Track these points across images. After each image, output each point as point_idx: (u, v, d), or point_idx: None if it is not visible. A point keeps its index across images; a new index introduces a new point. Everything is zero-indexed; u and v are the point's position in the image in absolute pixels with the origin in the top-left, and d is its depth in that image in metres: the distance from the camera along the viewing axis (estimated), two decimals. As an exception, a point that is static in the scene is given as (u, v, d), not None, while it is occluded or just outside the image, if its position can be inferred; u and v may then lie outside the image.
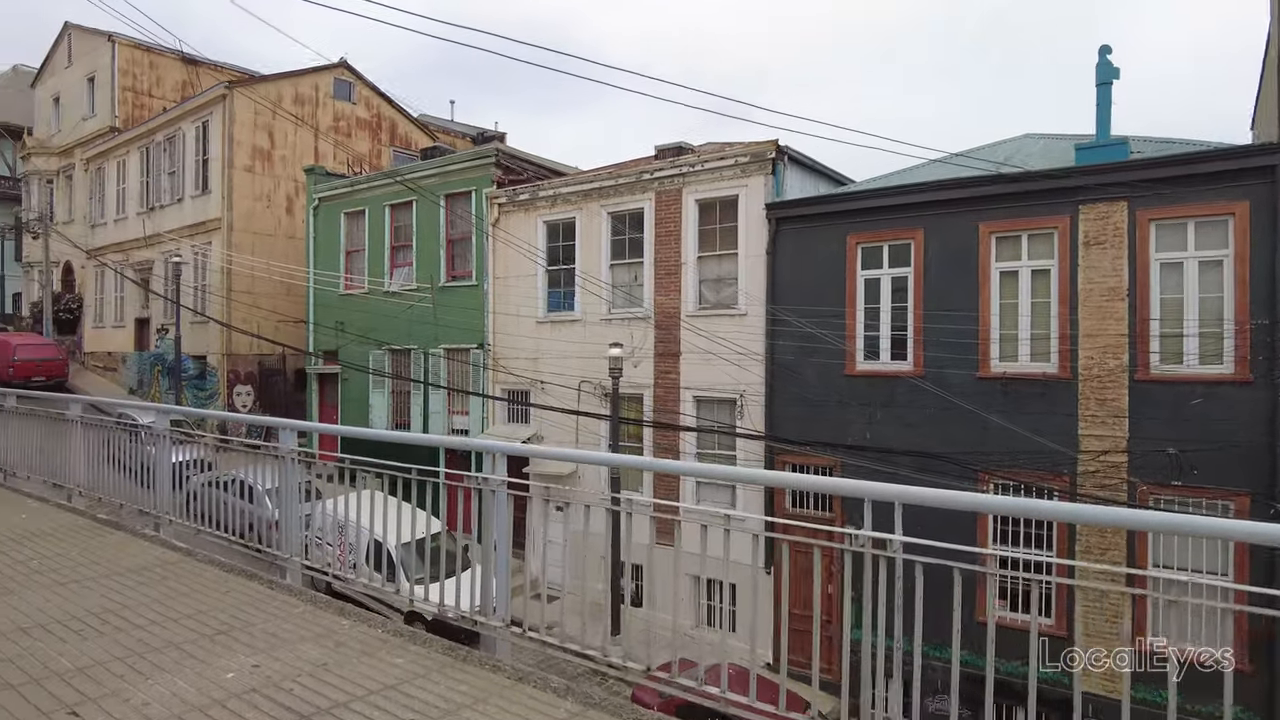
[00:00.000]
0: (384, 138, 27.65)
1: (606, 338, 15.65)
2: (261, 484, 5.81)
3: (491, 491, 4.14)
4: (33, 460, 8.50)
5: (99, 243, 29.70)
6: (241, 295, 23.42)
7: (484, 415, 18.23)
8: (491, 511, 4.13)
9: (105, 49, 31.07)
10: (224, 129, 23.44)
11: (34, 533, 6.47)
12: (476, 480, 4.27)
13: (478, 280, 18.32)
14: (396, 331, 19.63)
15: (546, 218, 17.20)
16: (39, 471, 8.37)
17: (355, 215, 21.04)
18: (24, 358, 25.36)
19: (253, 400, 23.75)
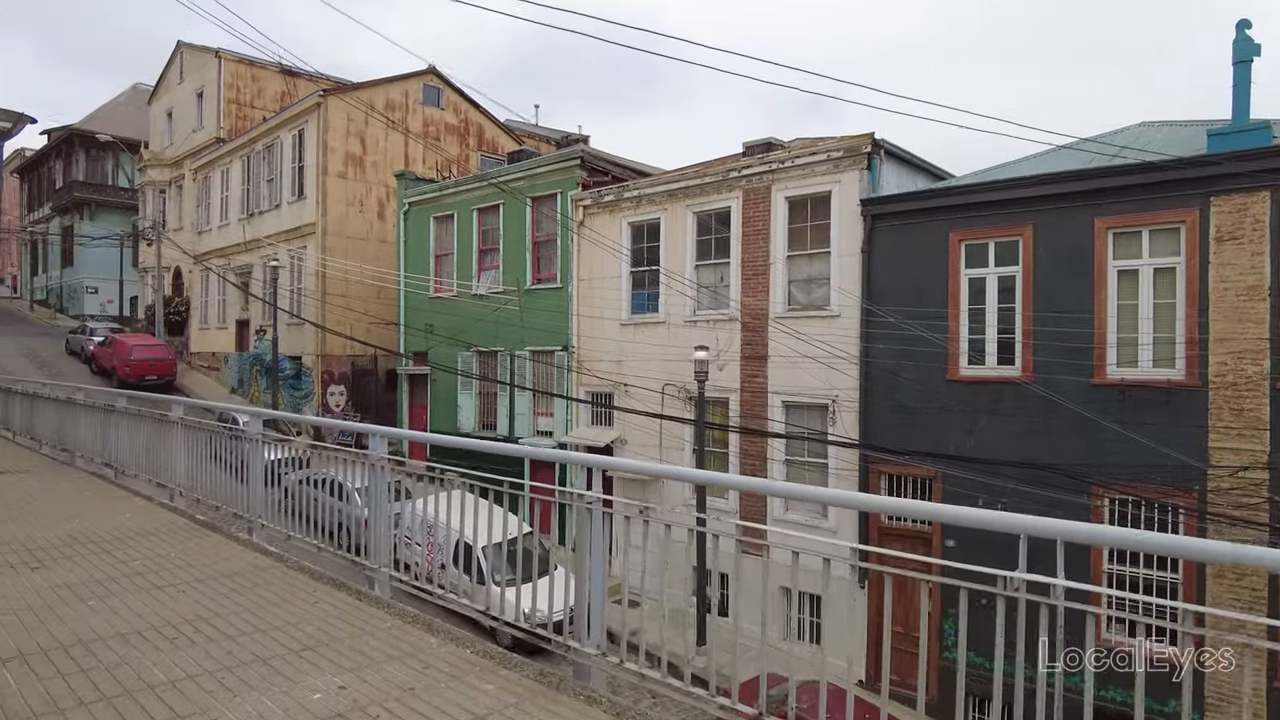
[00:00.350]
0: (471, 142, 28.06)
1: (691, 340, 15.35)
2: (353, 482, 5.79)
3: (587, 509, 3.87)
4: (140, 459, 8.76)
5: (204, 248, 31.17)
6: (335, 298, 24.10)
7: (568, 417, 18.17)
8: (587, 530, 3.87)
9: (212, 64, 32.61)
10: (318, 136, 24.19)
11: (137, 532, 6.60)
12: (570, 496, 4.01)
13: (562, 282, 18.28)
14: (484, 333, 19.80)
15: (631, 219, 17.00)
16: (146, 471, 8.62)
17: (444, 219, 21.34)
18: (138, 357, 26.76)
19: (345, 400, 24.42)
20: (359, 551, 5.44)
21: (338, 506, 5.84)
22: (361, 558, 5.29)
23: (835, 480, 13.90)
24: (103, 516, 7.22)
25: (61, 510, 7.54)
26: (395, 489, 5.38)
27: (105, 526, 6.78)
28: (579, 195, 17.80)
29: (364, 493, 5.50)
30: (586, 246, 17.85)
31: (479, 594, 5.59)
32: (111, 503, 7.96)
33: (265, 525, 6.35)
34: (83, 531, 6.55)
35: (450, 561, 5.27)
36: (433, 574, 5.08)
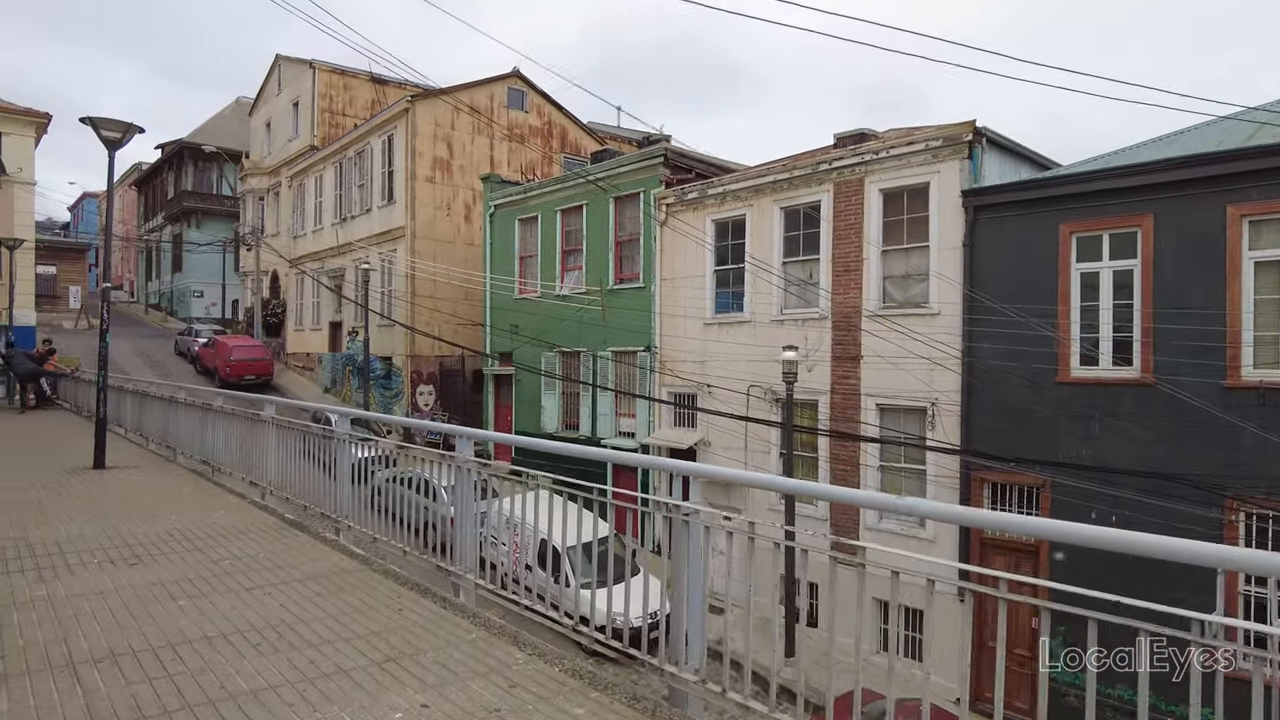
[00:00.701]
0: (554, 144, 28.19)
1: (778, 340, 14.88)
2: (440, 480, 5.63)
3: (684, 520, 3.56)
4: (234, 457, 8.93)
5: (299, 252, 32.31)
6: (423, 299, 24.55)
7: (650, 418, 17.92)
8: (684, 544, 3.55)
9: (307, 75, 33.83)
10: (406, 141, 24.69)
11: (229, 531, 6.64)
12: (663, 506, 3.71)
13: (645, 282, 18.05)
14: (567, 334, 19.76)
15: (715, 216, 16.62)
16: (239, 468, 8.77)
17: (529, 221, 21.43)
18: (238, 358, 27.93)
19: (434, 399, 24.84)
20: (444, 552, 5.28)
21: (425, 504, 5.77)
22: (447, 563, 5.11)
23: (934, 488, 13.20)
24: (198, 514, 7.33)
25: (162, 506, 7.71)
26: (482, 488, 5.22)
27: (200, 524, 6.86)
28: (662, 193, 17.54)
29: (451, 490, 5.38)
30: (669, 245, 17.56)
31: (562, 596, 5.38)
32: (207, 500, 8.11)
33: (352, 526, 6.28)
34: (179, 529, 6.63)
35: (534, 562, 5.10)
36: (519, 575, 4.88)
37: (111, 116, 9.82)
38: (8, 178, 23.62)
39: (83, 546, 5.98)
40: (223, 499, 8.15)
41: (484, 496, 5.24)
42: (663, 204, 17.56)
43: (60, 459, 10.89)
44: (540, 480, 4.71)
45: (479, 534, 5.17)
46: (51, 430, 15.18)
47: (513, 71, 26.88)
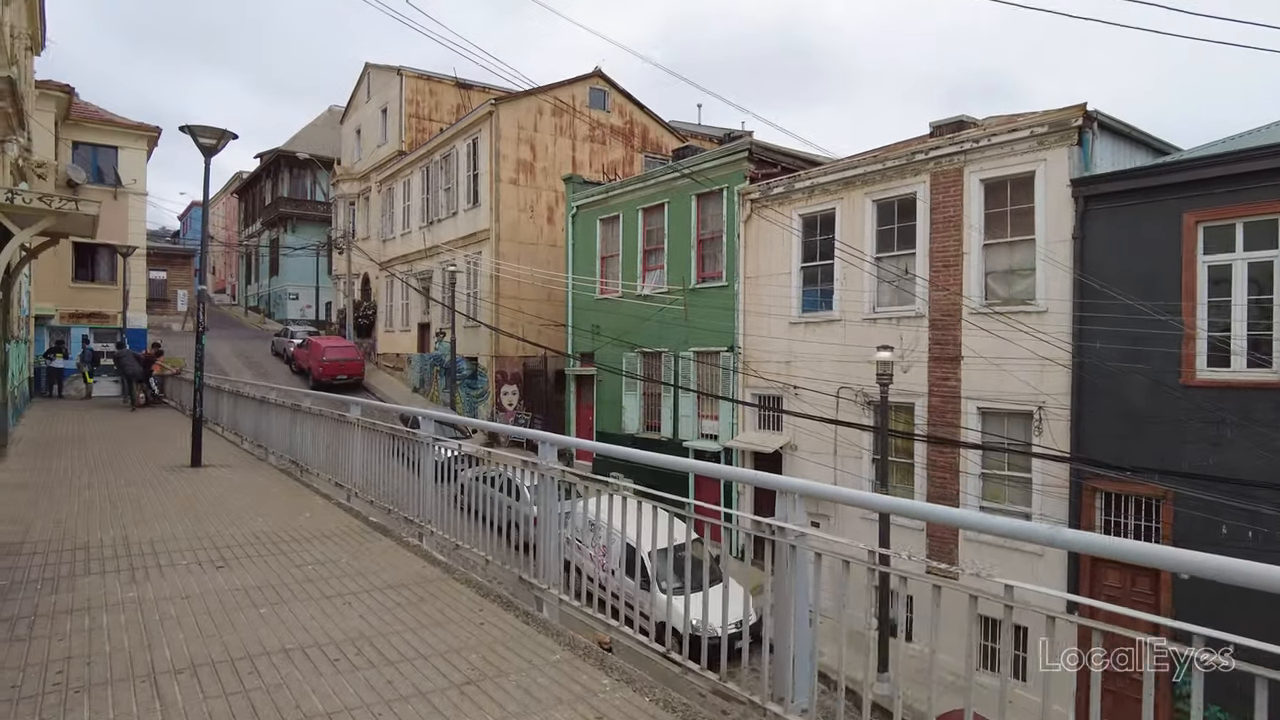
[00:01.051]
0: (636, 143, 28.01)
1: (870, 339, 14.23)
2: (523, 480, 5.47)
3: (791, 546, 3.18)
4: (321, 458, 8.97)
5: (388, 255, 33.11)
6: (507, 300, 24.73)
7: (733, 420, 17.47)
8: (790, 573, 3.17)
9: (395, 82, 34.67)
10: (490, 144, 24.92)
11: (314, 534, 6.59)
12: (768, 529, 3.33)
13: (728, 280, 17.61)
14: (648, 334, 19.51)
15: (803, 210, 16.06)
16: (326, 469, 8.80)
17: (610, 221, 21.28)
18: (330, 358, 28.77)
19: (518, 399, 24.99)
20: (527, 551, 5.02)
21: (508, 503, 5.61)
22: (530, 575, 4.86)
23: (1040, 497, 12.35)
24: (285, 515, 7.33)
25: (251, 507, 7.77)
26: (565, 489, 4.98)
27: (286, 526, 6.84)
28: (746, 188, 17.07)
29: (534, 490, 5.25)
30: (754, 242, 17.08)
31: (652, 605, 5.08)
32: (294, 501, 8.14)
33: (435, 532, 6.12)
34: (266, 531, 6.62)
35: (619, 566, 4.82)
36: (606, 581, 4.63)
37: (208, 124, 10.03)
38: (122, 189, 24.94)
39: (174, 547, 6.00)
40: (309, 500, 8.17)
41: (567, 497, 5.02)
42: (747, 199, 17.09)
43: (162, 456, 11.24)
44: (620, 488, 4.43)
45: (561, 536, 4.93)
46: (156, 428, 15.82)
47: (594, 71, 26.83)
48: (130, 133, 25.34)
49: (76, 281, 24.58)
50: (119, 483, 8.93)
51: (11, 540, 6.10)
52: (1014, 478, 12.78)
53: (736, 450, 17.03)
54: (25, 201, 9.58)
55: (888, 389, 12.57)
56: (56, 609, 4.52)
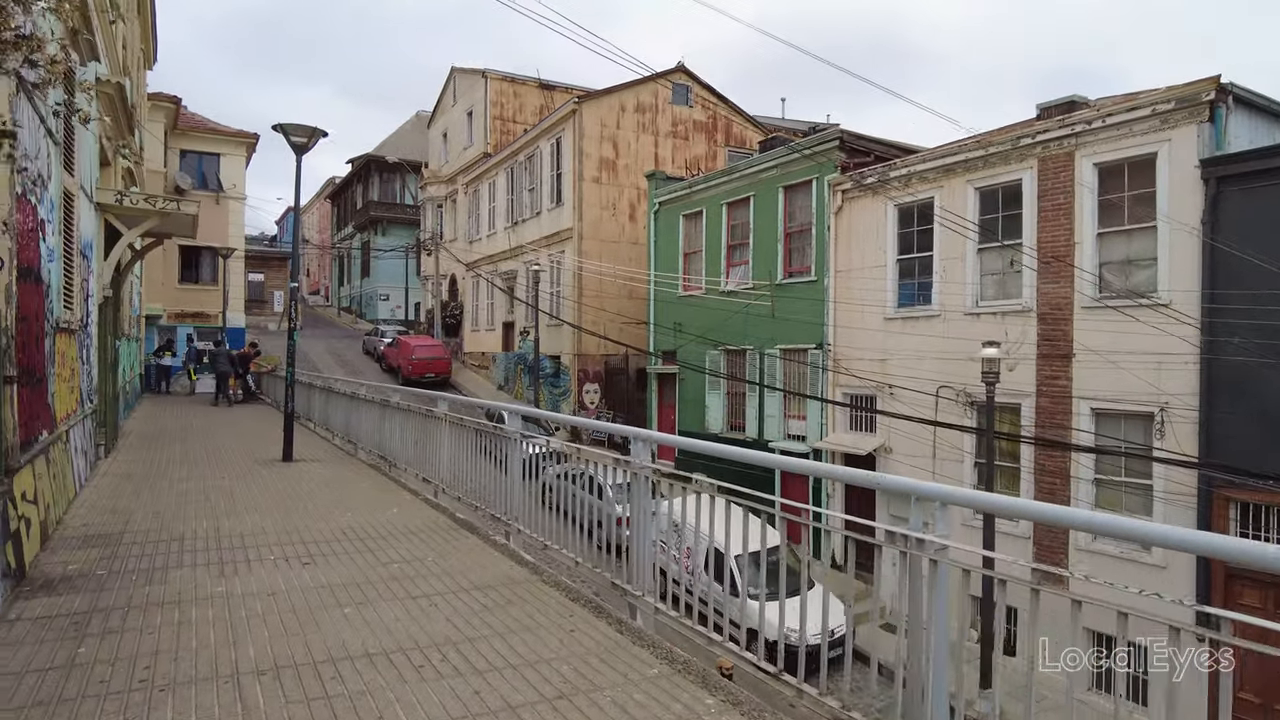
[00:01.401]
0: (719, 138, 27.56)
1: (973, 335, 13.44)
2: (608, 479, 5.25)
3: (932, 561, 2.76)
4: (409, 454, 8.91)
5: (474, 256, 33.58)
6: (590, 299, 24.66)
7: (822, 421, 16.83)
8: (931, 593, 2.74)
9: (479, 84, 35.17)
10: (574, 143, 24.89)
11: (400, 530, 6.46)
12: (898, 539, 2.92)
13: (817, 275, 16.99)
14: (732, 331, 19.05)
15: (898, 201, 15.33)
16: (414, 465, 8.73)
17: (693, 216, 20.91)
18: (419, 357, 29.36)
19: (599, 398, 24.89)
20: (616, 554, 4.72)
21: (594, 503, 5.36)
22: (622, 580, 4.55)
23: (1163, 507, 11.37)
24: (372, 510, 7.26)
25: (339, 501, 7.73)
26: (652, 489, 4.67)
27: (373, 521, 6.74)
28: (837, 179, 16.43)
29: (619, 489, 5.08)
30: (845, 235, 16.43)
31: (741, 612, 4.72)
32: (382, 496, 8.08)
33: (522, 530, 5.89)
34: (353, 526, 6.53)
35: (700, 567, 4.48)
36: (693, 585, 4.31)
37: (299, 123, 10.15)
38: (223, 194, 26.01)
39: (263, 541, 5.95)
40: (397, 496, 8.10)
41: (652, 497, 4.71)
42: (838, 190, 16.45)
43: (255, 451, 11.47)
44: (704, 485, 4.09)
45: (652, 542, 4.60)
46: (252, 423, 16.29)
47: (678, 66, 26.50)
48: (231, 140, 26.41)
49: (182, 283, 25.76)
50: (214, 476, 9.09)
51: (114, 530, 6.18)
52: (1132, 484, 11.82)
53: (826, 452, 16.42)
54: (132, 203, 9.90)
55: (994, 388, 11.79)
56: (149, 601, 4.47)
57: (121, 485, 8.22)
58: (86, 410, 8.71)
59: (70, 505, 7.06)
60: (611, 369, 25.59)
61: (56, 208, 6.71)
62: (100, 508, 7.03)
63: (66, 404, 7.30)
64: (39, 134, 5.79)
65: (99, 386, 9.96)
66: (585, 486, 5.54)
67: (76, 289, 7.66)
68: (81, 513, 6.81)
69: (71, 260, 7.34)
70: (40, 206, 5.93)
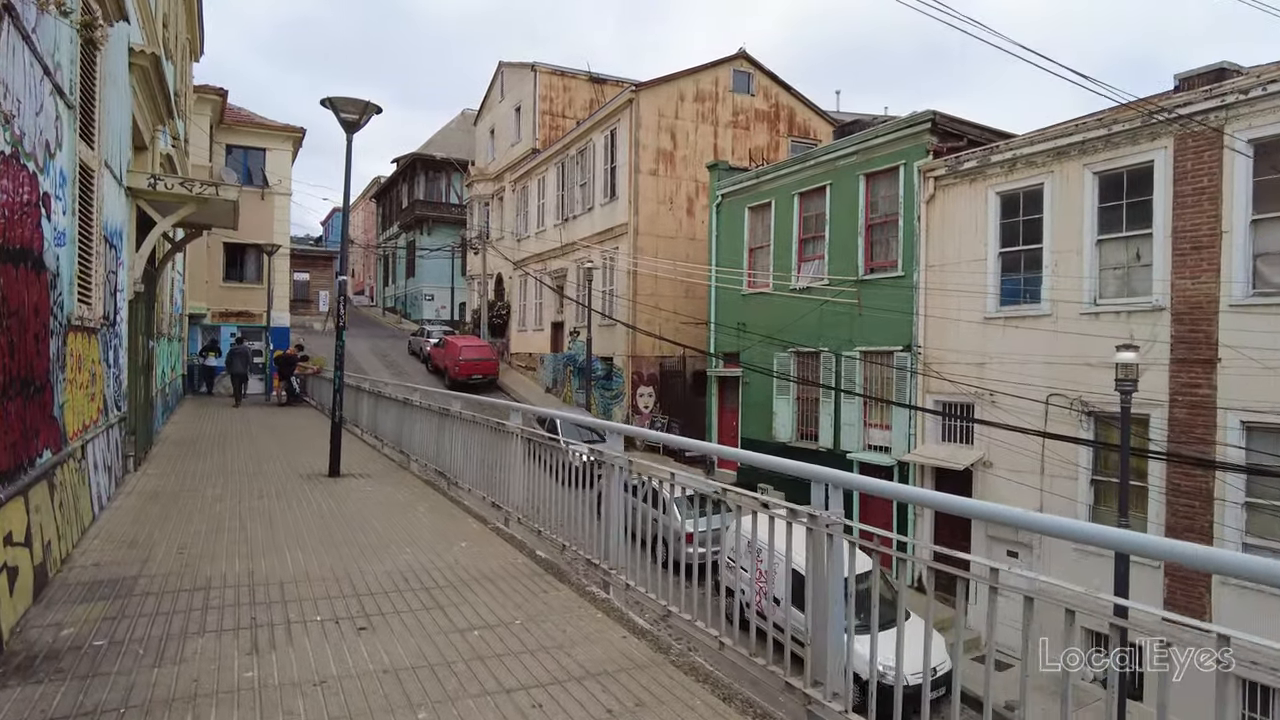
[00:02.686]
0: (781, 128, 26.11)
1: (1088, 336, 11.95)
2: (670, 491, 4.62)
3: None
4: (474, 472, 7.73)
5: (522, 254, 32.57)
6: (645, 298, 23.42)
7: (910, 431, 15.34)
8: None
9: (528, 78, 34.19)
10: (630, 134, 23.65)
11: (473, 575, 5.26)
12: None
13: (905, 270, 15.51)
14: (804, 332, 17.64)
15: (1001, 188, 13.79)
16: (479, 485, 7.54)
17: (760, 209, 19.54)
18: (467, 357, 28.40)
19: (654, 401, 23.63)
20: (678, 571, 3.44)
21: (654, 515, 4.94)
22: (805, 684, 3.24)
23: (1337, 536, 9.75)
24: (436, 544, 6.07)
25: (396, 530, 6.56)
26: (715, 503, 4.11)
27: (439, 561, 5.55)
28: (929, 164, 14.93)
29: (683, 503, 4.90)
30: (937, 226, 14.93)
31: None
32: (445, 524, 6.88)
33: (629, 585, 4.62)
34: (415, 568, 5.35)
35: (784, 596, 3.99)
36: (762, 608, 3.69)
37: (350, 96, 9.05)
38: (269, 189, 25.31)
39: (306, 592, 4.78)
40: (462, 524, 6.90)
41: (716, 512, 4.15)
42: (929, 177, 14.95)
43: (299, 462, 10.43)
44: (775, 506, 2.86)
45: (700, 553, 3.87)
46: (296, 428, 15.35)
47: (739, 53, 25.13)
48: (277, 134, 25.71)
49: (226, 281, 25.10)
50: (252, 494, 8.01)
51: (128, 573, 5.07)
52: (1298, 510, 10.19)
53: (914, 466, 14.94)
54: (167, 187, 8.89)
55: (1130, 397, 10.25)
56: (154, 697, 3.28)
57: (147, 507, 7.16)
58: (112, 419, 7.69)
59: (84, 535, 5.99)
60: (667, 371, 24.30)
61: (70, 183, 5.64)
62: (118, 538, 5.95)
63: (84, 414, 6.24)
64: (39, 83, 4.69)
65: (129, 391, 8.96)
66: (646, 497, 4.83)
67: (99, 282, 6.60)
68: (95, 546, 5.72)
69: (91, 248, 6.28)
70: (42, 178, 4.84)
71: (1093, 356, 12.27)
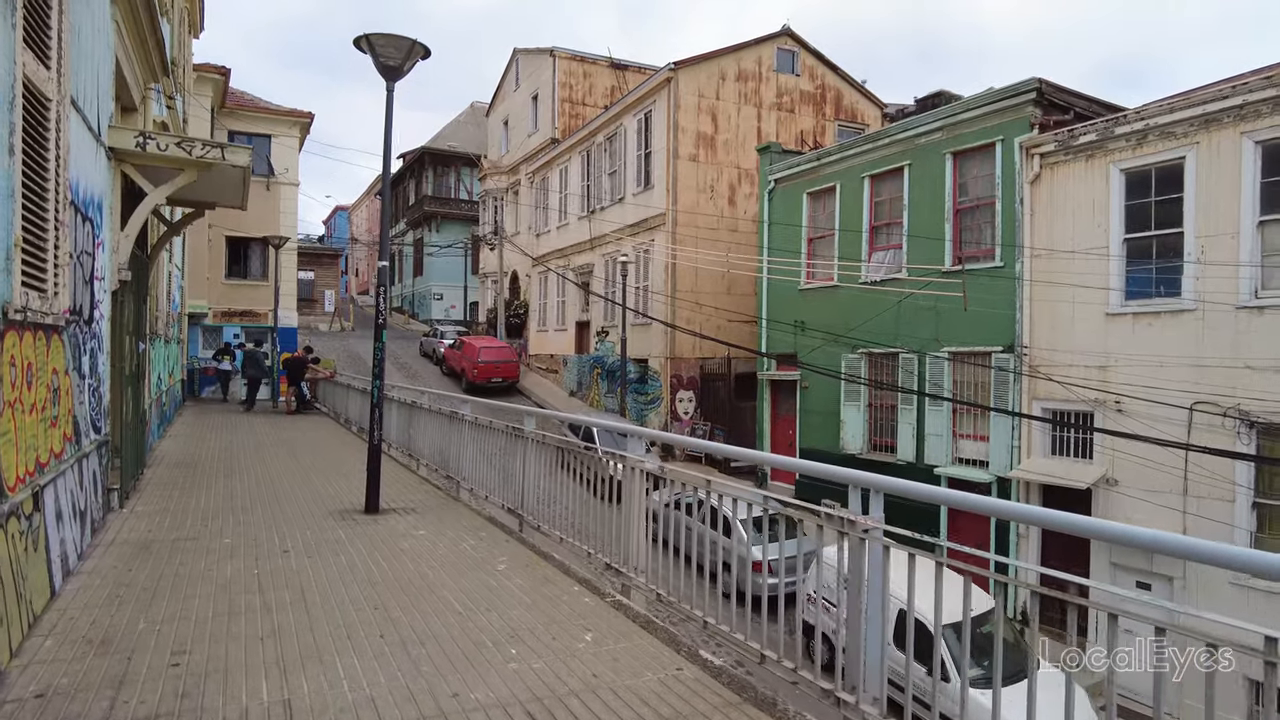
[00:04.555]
0: (828, 111, 24.18)
1: (1247, 334, 10.15)
2: (735, 511, 3.99)
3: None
4: (570, 517, 5.84)
5: (543, 250, 30.66)
6: (684, 294, 21.52)
7: (1013, 443, 13.45)
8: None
9: (546, 65, 32.33)
10: (668, 116, 21.73)
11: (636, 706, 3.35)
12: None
13: (1004, 259, 13.63)
14: (878, 330, 15.75)
15: (1128, 164, 11.91)
16: (574, 534, 5.64)
17: (821, 194, 17.64)
18: (486, 359, 26.50)
19: (694, 407, 21.74)
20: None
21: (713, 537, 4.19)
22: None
23: None
24: (548, 637, 4.16)
25: (481, 608, 4.64)
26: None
27: (567, 677, 3.64)
28: (1035, 139, 13.05)
29: (749, 525, 4.18)
30: (1044, 209, 13.05)
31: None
32: (546, 596, 4.95)
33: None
34: (537, 692, 3.44)
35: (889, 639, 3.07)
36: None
37: (392, 33, 7.18)
38: (274, 179, 23.43)
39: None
40: (569, 596, 4.96)
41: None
42: (1035, 154, 13.07)
43: (325, 491, 8.53)
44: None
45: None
46: (311, 443, 13.46)
47: (783, 30, 23.21)
48: (283, 119, 23.85)
49: (229, 278, 23.20)
50: (272, 544, 6.10)
51: (92, 713, 3.17)
52: None
53: (1017, 483, 13.05)
54: (160, 149, 7.01)
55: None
56: None
57: (131, 571, 5.25)
58: (86, 446, 5.80)
59: (35, 625, 4.11)
60: (708, 374, 22.39)
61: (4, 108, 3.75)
62: (82, 635, 4.04)
63: (37, 448, 4.37)
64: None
65: (113, 407, 7.08)
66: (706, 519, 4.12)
67: (61, 261, 4.71)
68: (47, 650, 3.83)
69: (47, 210, 4.39)
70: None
71: (1256, 358, 10.41)
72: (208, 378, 22.06)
